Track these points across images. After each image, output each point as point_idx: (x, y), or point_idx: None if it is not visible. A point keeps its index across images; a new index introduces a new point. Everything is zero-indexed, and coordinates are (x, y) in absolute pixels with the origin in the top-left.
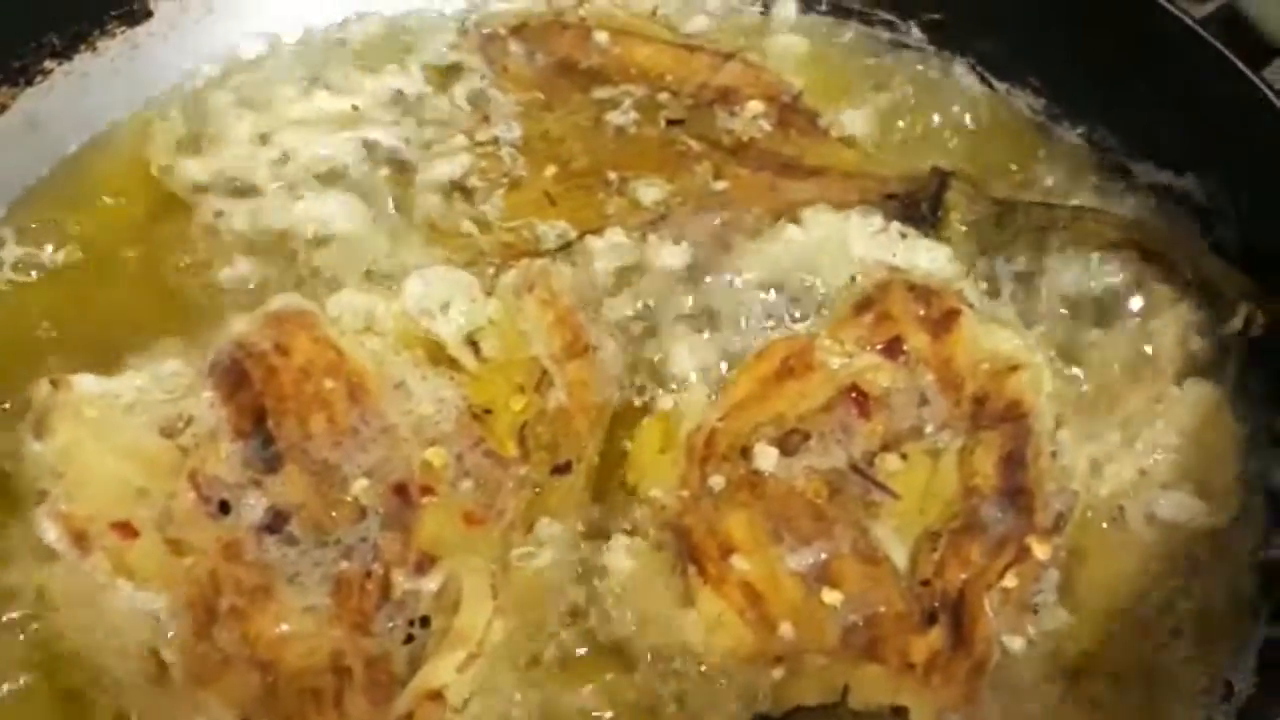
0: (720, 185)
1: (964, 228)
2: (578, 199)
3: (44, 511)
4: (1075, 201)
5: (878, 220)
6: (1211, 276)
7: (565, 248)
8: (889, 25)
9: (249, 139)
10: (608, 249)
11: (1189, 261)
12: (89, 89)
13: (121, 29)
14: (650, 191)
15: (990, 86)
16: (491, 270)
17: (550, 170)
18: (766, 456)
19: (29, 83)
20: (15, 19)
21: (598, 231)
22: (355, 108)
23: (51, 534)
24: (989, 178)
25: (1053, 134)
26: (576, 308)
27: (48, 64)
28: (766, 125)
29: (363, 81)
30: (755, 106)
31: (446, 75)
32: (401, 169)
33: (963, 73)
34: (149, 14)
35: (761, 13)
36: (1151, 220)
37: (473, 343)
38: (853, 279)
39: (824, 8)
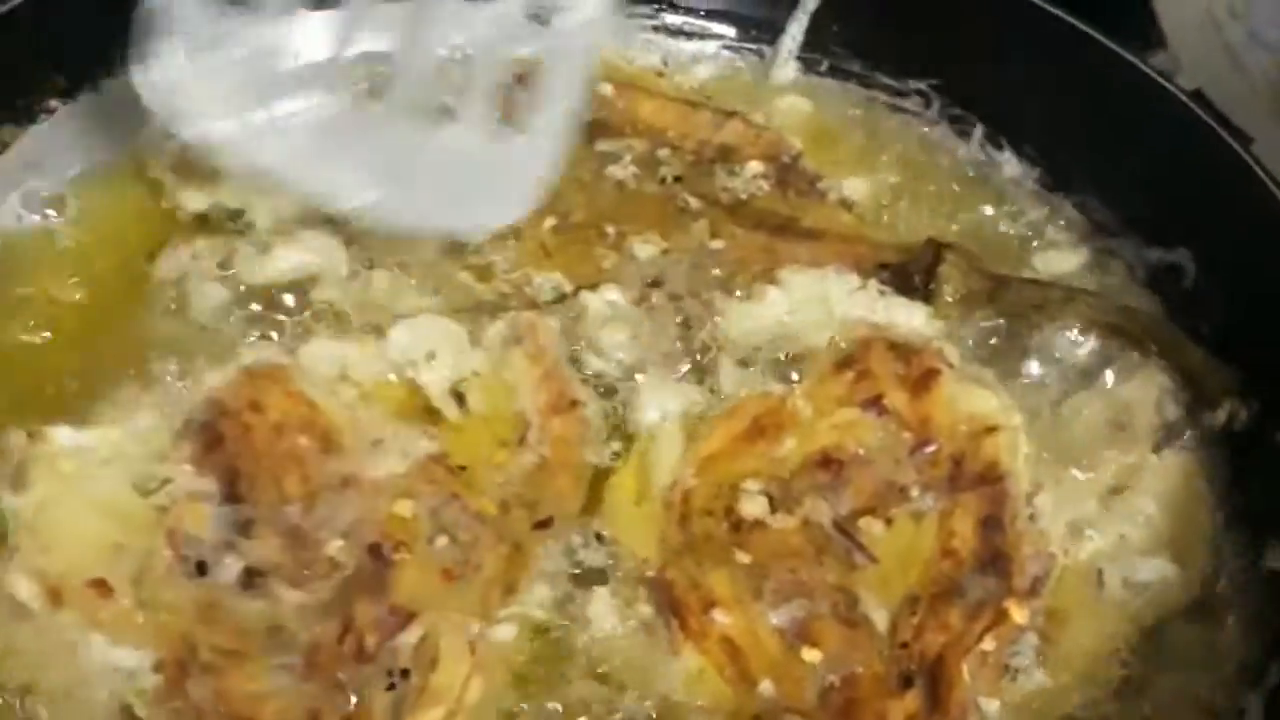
0: (716, 244)
1: (955, 301)
2: (574, 252)
3: (17, 566)
4: (1066, 278)
5: (854, 278)
6: (1196, 369)
7: (559, 301)
8: (889, 89)
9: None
10: (602, 305)
11: (1176, 353)
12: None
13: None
14: (646, 249)
15: (986, 153)
16: (483, 320)
17: (549, 222)
18: (756, 504)
19: (31, 120)
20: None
21: (593, 287)
22: None
23: (24, 590)
24: (986, 251)
25: (1047, 203)
26: (563, 362)
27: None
28: (765, 185)
29: None
30: (755, 166)
31: None
32: None
33: (958, 139)
34: None
35: (762, 73)
36: (1142, 306)
37: (457, 394)
38: (833, 339)
39: (824, 69)
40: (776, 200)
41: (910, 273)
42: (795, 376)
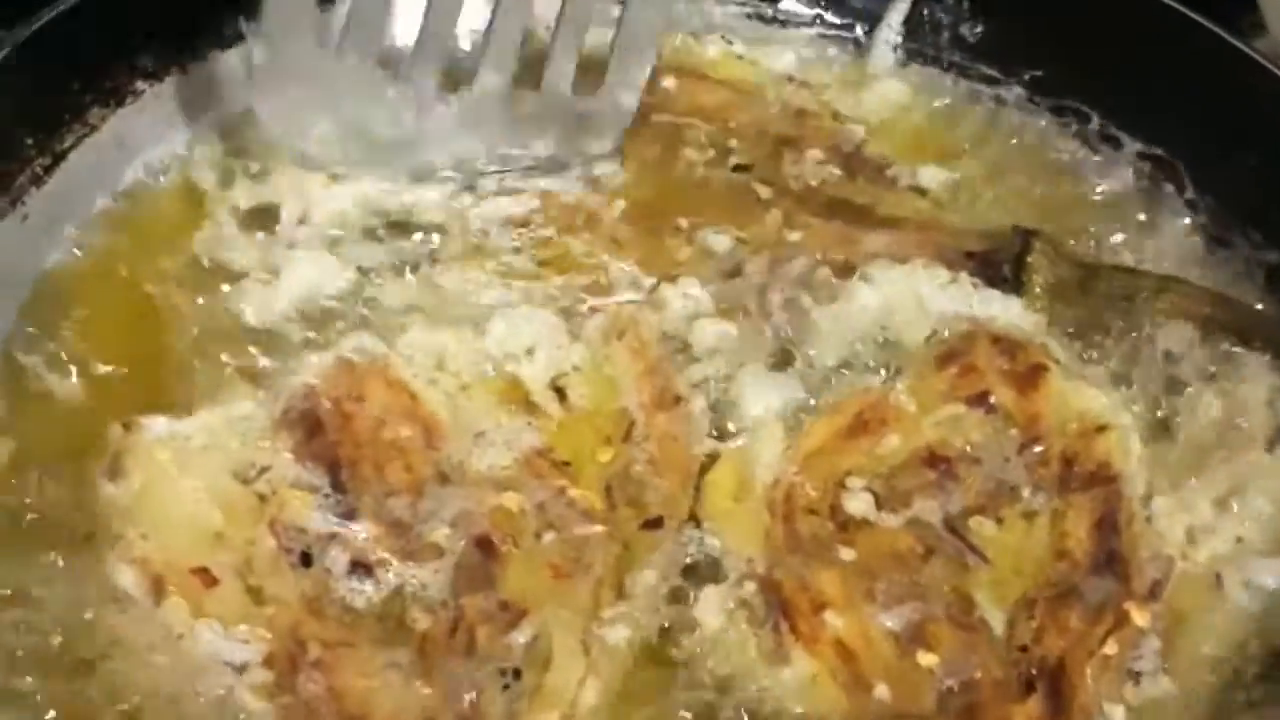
0: (794, 235)
1: (1045, 292)
2: (647, 244)
3: (119, 556)
4: (1164, 269)
5: (944, 272)
6: None
7: (636, 293)
8: (989, 79)
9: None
10: (681, 298)
11: (1275, 339)
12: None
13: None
14: (721, 240)
15: (1089, 145)
16: (580, 313)
17: (618, 206)
18: (861, 502)
19: (120, 103)
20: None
21: (672, 279)
22: None
23: (127, 579)
24: (1081, 244)
25: (1155, 198)
26: (666, 357)
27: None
28: (836, 171)
29: None
30: (815, 154)
31: None
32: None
33: (1059, 130)
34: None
35: (856, 58)
36: (1240, 295)
37: (558, 389)
38: (932, 334)
39: (924, 60)
40: (847, 188)
41: (998, 261)
42: (891, 372)
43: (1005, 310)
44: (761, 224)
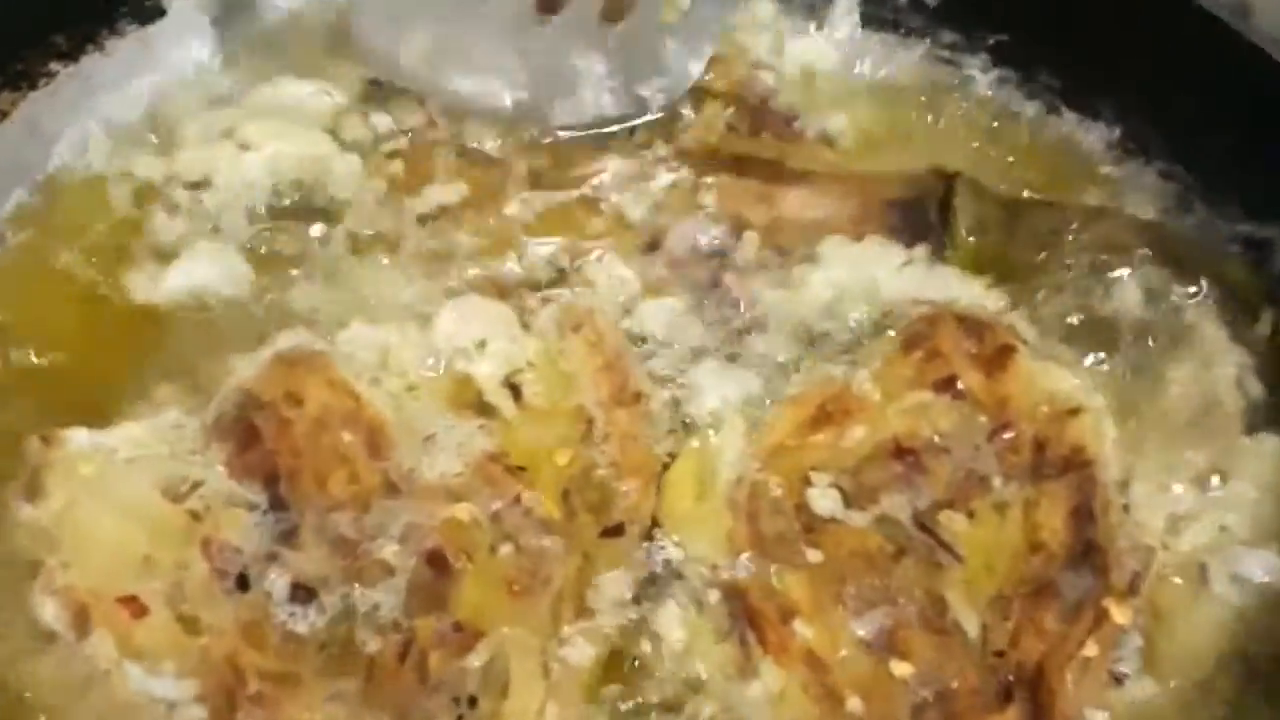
0: (706, 198)
1: (972, 236)
2: (557, 217)
3: (40, 585)
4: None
5: (900, 251)
6: (1235, 280)
7: (561, 278)
8: (951, 46)
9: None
10: (609, 279)
11: (1210, 265)
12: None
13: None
14: (637, 208)
15: (1060, 116)
16: (532, 304)
17: (522, 179)
18: (827, 499)
19: (32, 87)
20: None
21: (594, 257)
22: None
23: (49, 611)
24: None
25: (1121, 167)
26: (625, 351)
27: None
28: (738, 127)
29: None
30: (714, 108)
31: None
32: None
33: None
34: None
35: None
36: (1169, 222)
37: (511, 386)
38: (886, 316)
39: (881, 24)
40: (752, 144)
41: (922, 207)
42: (853, 359)
43: (965, 290)
44: (671, 187)
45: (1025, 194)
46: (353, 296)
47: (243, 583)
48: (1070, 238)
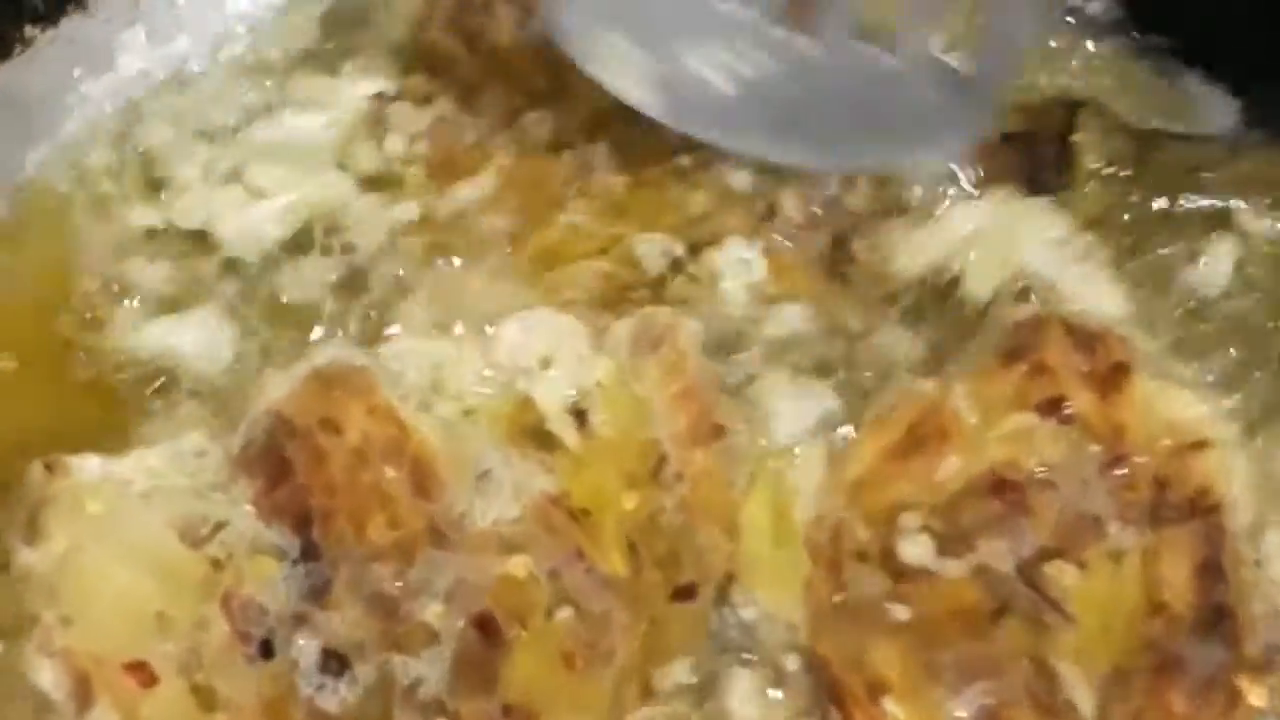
0: None
1: (1094, 177)
2: (646, 197)
3: (36, 645)
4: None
5: (1058, 222)
6: None
7: (676, 270)
8: None
9: None
10: (732, 265)
11: None
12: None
13: None
14: (740, 175)
15: None
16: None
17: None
18: (918, 546)
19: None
20: None
21: (711, 242)
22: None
23: (45, 677)
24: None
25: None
26: (708, 375)
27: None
28: None
29: None
30: None
31: None
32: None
33: None
34: None
35: None
36: None
37: (577, 413)
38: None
39: None
40: None
41: (1041, 141)
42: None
43: (1096, 291)
44: None
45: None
46: (404, 302)
47: (267, 649)
48: (1211, 177)
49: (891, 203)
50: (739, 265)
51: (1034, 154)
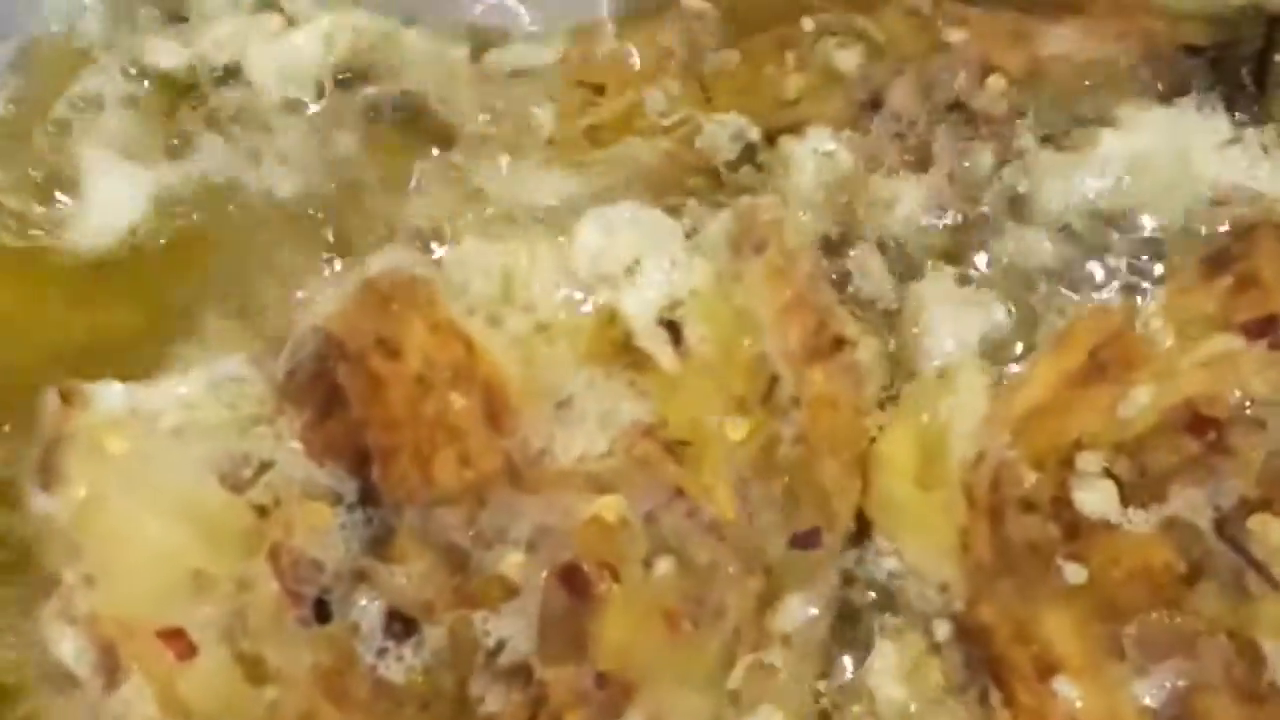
0: (953, 35)
1: None
2: (741, 80)
3: (56, 612)
4: None
5: (1223, 126)
6: None
7: (747, 159)
8: None
9: None
10: (811, 157)
11: None
12: None
13: None
14: (847, 55)
15: None
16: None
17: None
18: (1098, 494)
19: None
20: None
21: (793, 129)
22: None
23: (67, 647)
24: None
25: None
26: (822, 277)
27: None
28: None
29: None
30: None
31: None
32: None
33: None
34: None
35: None
36: None
37: (670, 326)
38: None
39: None
40: None
41: (1234, 57)
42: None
43: None
44: (903, 20)
45: None
46: (464, 199)
47: (322, 610)
48: None
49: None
50: (819, 159)
51: (1226, 67)
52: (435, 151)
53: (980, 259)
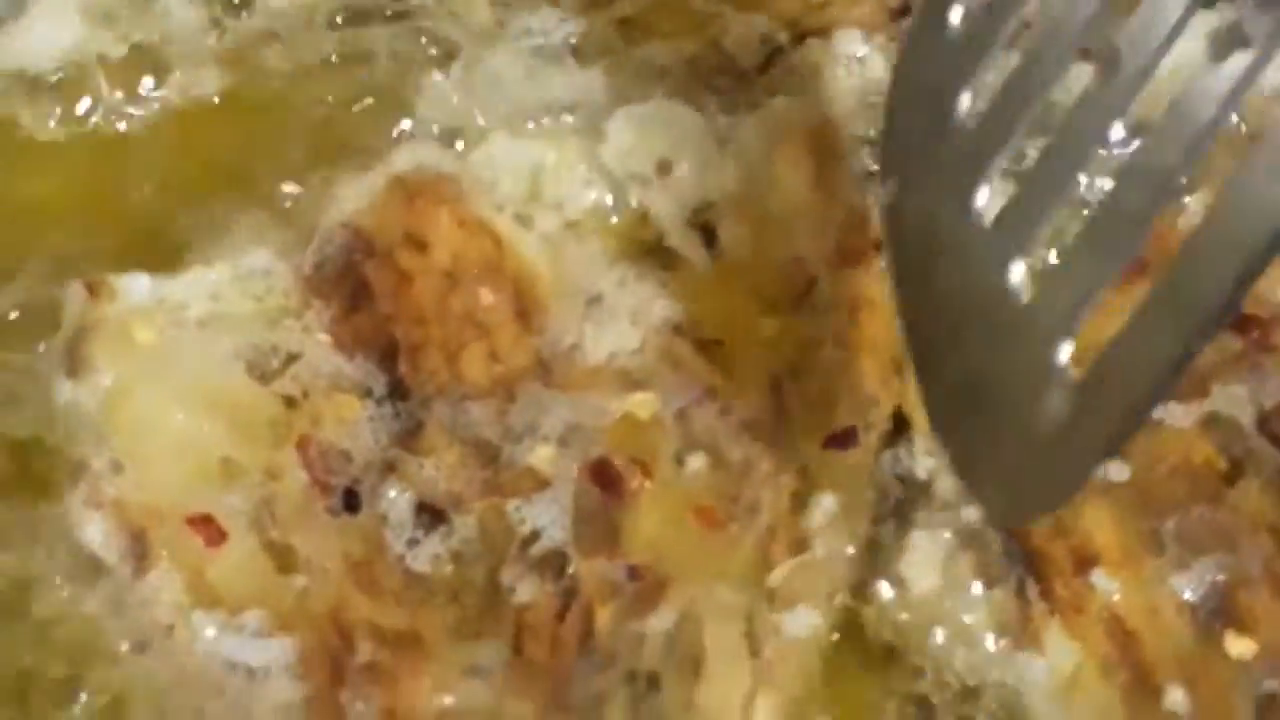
0: None
1: None
2: None
3: (82, 498)
4: None
5: None
6: None
7: (773, 61)
8: None
9: None
10: (841, 61)
11: None
12: None
13: None
14: None
15: None
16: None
17: None
18: None
19: None
20: None
21: (821, 32)
22: None
23: (93, 533)
24: None
25: None
26: (857, 179)
27: None
28: None
29: None
30: None
31: None
32: None
33: None
34: None
35: None
36: None
37: (703, 227)
38: None
39: None
40: None
41: None
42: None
43: None
44: None
45: None
46: (491, 96)
47: (351, 500)
48: None
49: None
50: (850, 62)
51: None
52: (463, 47)
53: None
